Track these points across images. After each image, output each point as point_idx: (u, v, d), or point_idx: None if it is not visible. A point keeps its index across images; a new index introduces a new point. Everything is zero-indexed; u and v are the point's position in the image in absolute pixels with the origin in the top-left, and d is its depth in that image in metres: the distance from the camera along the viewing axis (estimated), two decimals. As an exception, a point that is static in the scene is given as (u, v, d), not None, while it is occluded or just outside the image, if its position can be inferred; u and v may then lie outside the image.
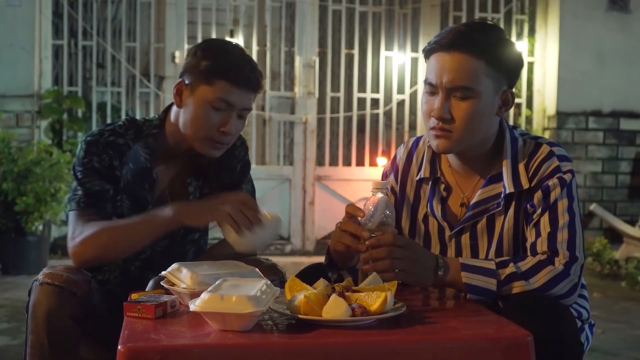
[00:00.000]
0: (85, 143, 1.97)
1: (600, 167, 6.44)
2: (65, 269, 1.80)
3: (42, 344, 1.70)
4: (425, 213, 1.92)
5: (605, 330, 3.90)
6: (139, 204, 2.00)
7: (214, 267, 1.71)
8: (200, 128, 1.93)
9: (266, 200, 6.01)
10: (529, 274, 1.68)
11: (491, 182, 1.82)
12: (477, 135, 1.78)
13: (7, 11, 5.58)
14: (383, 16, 6.62)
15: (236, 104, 1.93)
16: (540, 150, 1.79)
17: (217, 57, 1.92)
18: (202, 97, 1.92)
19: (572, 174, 1.78)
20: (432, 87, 1.76)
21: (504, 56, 1.76)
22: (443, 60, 1.73)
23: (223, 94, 1.91)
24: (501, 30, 1.82)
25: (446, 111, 1.74)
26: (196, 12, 6.27)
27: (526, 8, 6.51)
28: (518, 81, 1.90)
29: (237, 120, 1.96)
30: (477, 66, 1.71)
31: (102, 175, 1.95)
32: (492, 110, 1.78)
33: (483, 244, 1.84)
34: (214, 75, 1.90)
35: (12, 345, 3.44)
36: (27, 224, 4.99)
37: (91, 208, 1.92)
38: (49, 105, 5.68)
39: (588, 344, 1.89)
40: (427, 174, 1.91)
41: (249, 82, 1.93)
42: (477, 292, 1.68)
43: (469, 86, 1.72)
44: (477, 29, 1.76)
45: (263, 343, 1.38)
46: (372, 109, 6.53)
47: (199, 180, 2.08)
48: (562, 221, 1.73)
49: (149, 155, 2.00)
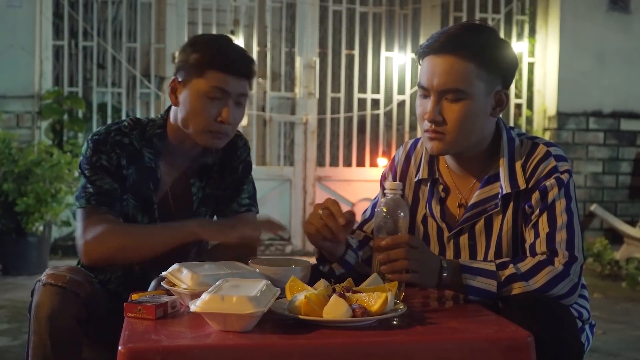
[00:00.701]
0: (92, 141, 1.97)
1: (601, 167, 6.43)
2: (68, 270, 1.80)
3: (44, 344, 1.70)
4: (424, 214, 1.93)
5: (605, 331, 3.90)
6: (144, 204, 2.00)
7: (215, 267, 1.71)
8: (199, 121, 1.93)
9: (267, 201, 6.02)
10: (529, 275, 1.68)
11: (488, 182, 1.82)
12: (471, 137, 1.78)
13: (7, 12, 5.58)
14: (383, 17, 6.62)
15: (231, 91, 1.93)
16: (537, 151, 1.79)
17: (205, 49, 1.93)
18: (196, 90, 1.92)
19: (569, 174, 1.78)
20: (424, 90, 1.77)
21: (496, 57, 1.76)
22: (434, 63, 1.74)
23: (216, 82, 1.91)
24: (493, 31, 1.82)
25: (438, 114, 1.74)
26: (197, 12, 6.27)
27: (527, 9, 6.51)
28: (518, 82, 1.92)
29: (234, 108, 1.95)
30: (467, 68, 1.72)
31: (110, 174, 1.95)
32: (485, 111, 1.78)
33: (481, 245, 1.84)
34: (205, 67, 1.91)
35: (12, 346, 3.44)
36: (28, 225, 4.99)
37: (102, 206, 1.92)
38: (49, 105, 5.68)
39: (588, 344, 1.89)
40: (426, 175, 1.91)
41: (240, 67, 1.94)
42: (478, 294, 1.68)
43: (460, 88, 1.72)
44: (467, 31, 1.77)
45: (264, 344, 1.38)
46: (372, 109, 6.52)
47: (202, 181, 2.08)
48: (561, 221, 1.73)
49: (153, 155, 2.01)
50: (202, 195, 2.08)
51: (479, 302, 1.69)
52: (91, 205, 1.92)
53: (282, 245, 6.25)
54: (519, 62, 1.81)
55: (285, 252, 6.18)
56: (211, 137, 1.96)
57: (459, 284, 1.69)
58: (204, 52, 1.92)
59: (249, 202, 2.12)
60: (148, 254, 1.91)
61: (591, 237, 6.01)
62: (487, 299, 1.68)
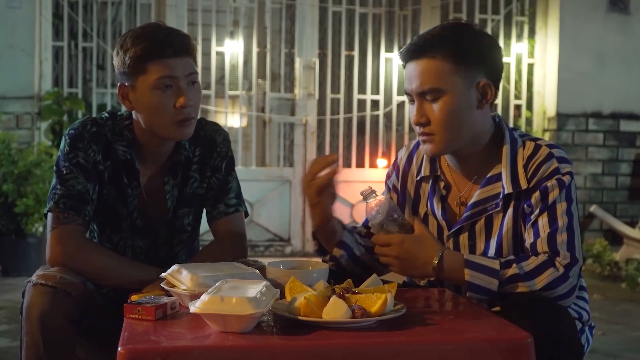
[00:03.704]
0: (69, 137, 1.94)
1: (601, 168, 6.43)
2: (58, 270, 1.79)
3: (37, 345, 1.69)
4: (426, 212, 1.94)
5: (605, 332, 3.90)
6: (121, 197, 1.99)
7: (214, 268, 1.70)
8: (159, 116, 1.90)
9: (266, 202, 6.02)
10: (532, 275, 1.68)
11: (490, 182, 1.83)
12: (461, 132, 1.80)
13: (7, 13, 5.58)
14: (383, 18, 6.62)
15: (178, 75, 1.89)
16: (539, 152, 1.79)
17: (135, 45, 1.88)
18: (144, 87, 1.89)
19: (571, 176, 1.78)
20: (409, 96, 1.84)
21: (473, 50, 1.78)
22: (411, 67, 1.81)
23: (160, 72, 1.88)
24: (469, 26, 1.84)
25: (422, 115, 1.79)
26: (196, 13, 6.27)
27: (526, 9, 6.51)
28: (518, 83, 1.94)
29: (189, 89, 1.91)
30: (443, 67, 1.76)
31: (86, 172, 1.92)
32: (470, 104, 1.79)
33: (481, 244, 1.85)
34: (142, 62, 1.88)
35: (11, 347, 3.44)
36: (27, 226, 4.99)
37: (70, 210, 1.89)
38: (49, 106, 5.67)
39: (588, 345, 1.89)
40: (427, 172, 1.93)
41: (176, 47, 1.89)
42: (478, 291, 1.69)
43: (436, 87, 1.76)
44: (441, 31, 1.81)
45: (263, 344, 1.38)
46: (372, 110, 6.52)
47: (177, 179, 2.04)
48: (562, 222, 1.73)
49: (126, 147, 1.98)
50: (180, 194, 2.04)
51: (479, 300, 1.70)
52: (59, 209, 1.89)
53: (281, 246, 6.25)
54: (501, 50, 1.85)
55: (285, 253, 6.18)
56: (178, 128, 1.92)
57: (460, 279, 1.70)
58: (135, 48, 1.88)
59: (236, 202, 2.08)
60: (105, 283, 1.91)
61: (591, 238, 6.01)
62: (486, 297, 1.69)
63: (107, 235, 2.03)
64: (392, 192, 2.02)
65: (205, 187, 2.06)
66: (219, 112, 6.52)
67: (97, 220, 2.01)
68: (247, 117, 6.87)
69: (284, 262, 1.81)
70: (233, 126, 7.02)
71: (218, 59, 6.25)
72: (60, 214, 1.89)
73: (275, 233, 6.27)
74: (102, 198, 1.97)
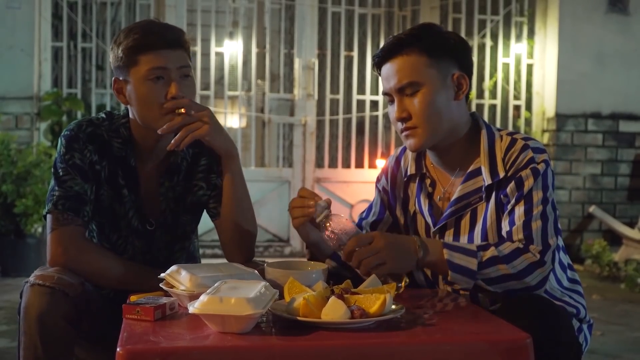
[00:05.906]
0: (65, 138, 1.94)
1: (600, 169, 6.44)
2: (56, 270, 1.79)
3: (35, 345, 1.68)
4: (414, 210, 1.99)
5: (604, 333, 3.91)
6: (118, 196, 1.99)
7: (213, 269, 1.71)
8: (151, 107, 1.90)
9: (266, 202, 6.02)
10: (509, 258, 1.71)
11: (471, 177, 1.88)
12: (442, 124, 1.85)
13: (6, 13, 5.58)
14: (382, 18, 6.62)
15: (169, 66, 1.89)
16: (515, 145, 1.84)
17: (128, 38, 1.89)
18: (137, 79, 1.90)
19: (546, 164, 1.82)
20: (388, 96, 1.89)
21: (441, 43, 1.86)
22: (387, 68, 1.87)
23: (151, 63, 1.88)
24: (433, 24, 1.95)
25: (403, 110, 1.85)
26: (196, 14, 6.27)
27: (525, 10, 6.51)
28: (517, 83, 1.97)
29: (182, 81, 1.91)
30: (416, 61, 1.83)
31: (83, 173, 1.92)
32: (448, 96, 1.86)
33: (465, 240, 1.87)
34: (135, 53, 1.88)
35: (11, 347, 3.44)
36: (27, 226, 4.99)
37: (69, 212, 1.89)
38: (48, 107, 5.67)
39: (587, 344, 1.90)
40: (414, 171, 1.98)
41: (168, 38, 1.90)
42: (458, 270, 1.71)
43: (413, 80, 1.83)
44: (409, 31, 1.89)
45: (262, 345, 1.38)
46: (371, 111, 6.53)
47: (172, 181, 2.04)
48: (537, 211, 1.78)
49: (122, 145, 1.98)
50: (183, 202, 2.04)
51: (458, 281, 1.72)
52: (58, 210, 1.88)
53: (280, 246, 6.25)
54: (468, 43, 1.92)
55: (284, 254, 6.19)
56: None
57: (441, 263, 1.72)
58: (128, 40, 1.89)
59: None
60: (106, 284, 1.92)
61: (590, 239, 6.01)
62: (467, 278, 1.71)
63: (106, 235, 2.03)
64: (383, 194, 2.06)
65: (211, 190, 2.05)
66: (218, 113, 6.52)
67: (96, 220, 2.01)
68: (246, 117, 6.87)
69: (283, 263, 1.81)
70: (232, 127, 7.03)
71: (217, 59, 6.25)
72: (60, 215, 1.89)
73: (275, 233, 6.27)
74: (99, 198, 1.97)
